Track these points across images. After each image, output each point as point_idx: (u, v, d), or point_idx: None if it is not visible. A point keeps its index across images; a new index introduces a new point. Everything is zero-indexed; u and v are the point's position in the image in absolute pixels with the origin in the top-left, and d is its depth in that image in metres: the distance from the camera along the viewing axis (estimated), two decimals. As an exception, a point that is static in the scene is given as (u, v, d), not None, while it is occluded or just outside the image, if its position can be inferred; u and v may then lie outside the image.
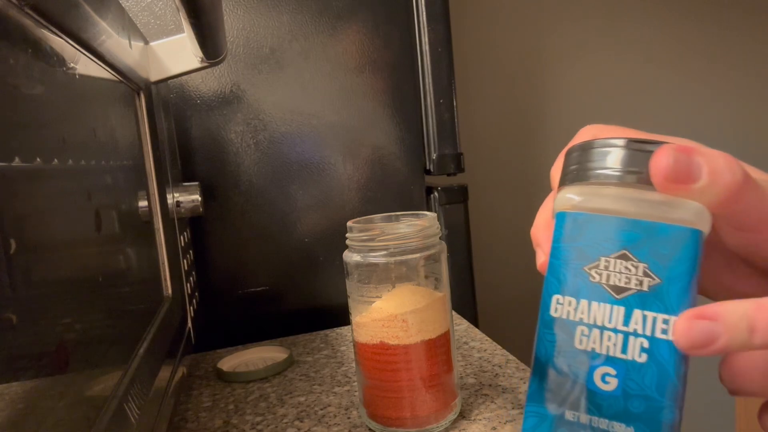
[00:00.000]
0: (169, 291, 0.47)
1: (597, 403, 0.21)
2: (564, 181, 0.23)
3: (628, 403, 0.20)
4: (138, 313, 0.37)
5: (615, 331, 0.21)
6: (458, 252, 0.82)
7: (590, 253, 0.21)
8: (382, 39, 0.78)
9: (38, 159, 0.22)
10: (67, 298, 0.25)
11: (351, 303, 0.47)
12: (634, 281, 0.21)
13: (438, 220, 0.47)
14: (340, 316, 0.77)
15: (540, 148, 1.39)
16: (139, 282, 0.39)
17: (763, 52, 1.53)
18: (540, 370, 0.22)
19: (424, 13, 0.79)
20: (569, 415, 0.21)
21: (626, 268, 0.21)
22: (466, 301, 0.83)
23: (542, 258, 0.25)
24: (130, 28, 0.43)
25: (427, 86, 0.80)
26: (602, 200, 0.22)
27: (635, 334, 0.20)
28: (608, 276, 0.21)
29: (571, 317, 0.21)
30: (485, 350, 0.62)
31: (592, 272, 0.21)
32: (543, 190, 1.40)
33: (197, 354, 0.71)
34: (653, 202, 0.21)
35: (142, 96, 0.45)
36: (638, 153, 0.21)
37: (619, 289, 0.21)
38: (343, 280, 0.47)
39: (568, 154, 0.24)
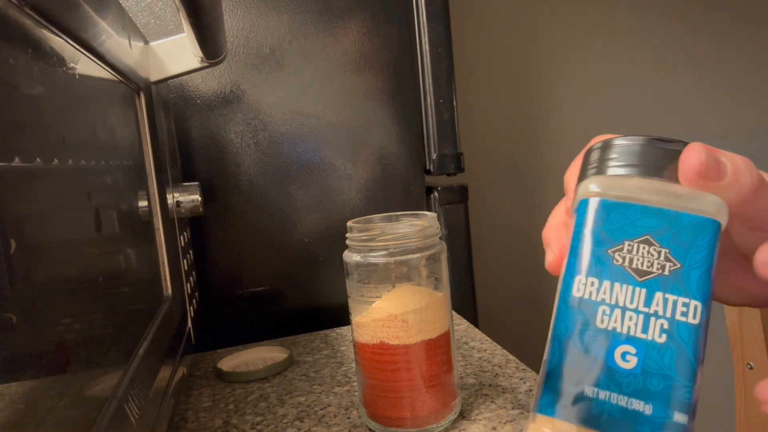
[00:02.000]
0: (169, 291, 0.47)
1: (617, 380, 0.21)
2: (585, 176, 0.24)
3: (647, 381, 0.21)
4: (138, 313, 0.37)
5: (636, 311, 0.21)
6: (458, 252, 0.82)
7: (614, 237, 0.22)
8: (382, 39, 0.78)
9: (38, 159, 0.22)
10: (67, 298, 0.25)
11: (351, 303, 0.47)
12: (656, 265, 0.22)
13: (438, 220, 0.47)
14: (340, 316, 0.77)
15: (540, 148, 1.39)
16: (139, 282, 0.39)
17: (756, 58, 1.53)
18: (559, 348, 0.22)
19: (424, 13, 0.79)
20: (588, 391, 0.21)
21: (649, 252, 0.22)
22: (466, 301, 0.83)
23: (551, 257, 0.26)
24: (130, 28, 0.43)
25: (427, 86, 0.80)
26: (627, 190, 0.23)
27: (656, 315, 0.21)
28: (631, 259, 0.22)
29: (593, 297, 0.22)
30: (485, 350, 0.62)
31: (616, 255, 0.22)
32: (543, 190, 1.40)
33: (197, 354, 0.71)
34: (676, 193, 0.22)
35: (142, 96, 0.45)
36: (661, 150, 0.23)
37: (641, 272, 0.22)
38: (343, 280, 0.47)
39: (588, 153, 0.25)
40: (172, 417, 0.41)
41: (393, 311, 0.44)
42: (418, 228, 0.44)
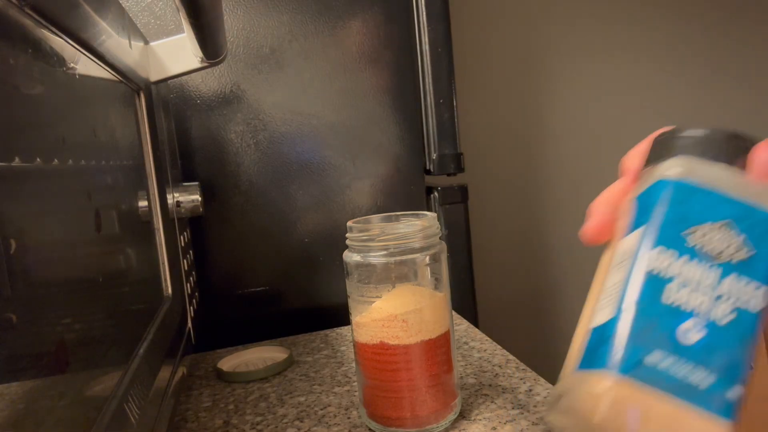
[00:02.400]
0: (169, 291, 0.47)
1: (679, 353, 0.22)
2: (663, 158, 0.26)
3: (708, 357, 0.22)
4: (138, 313, 0.37)
5: (706, 291, 0.23)
6: (458, 252, 0.82)
7: (692, 219, 0.24)
8: (382, 39, 0.78)
9: (38, 159, 0.22)
10: (67, 298, 0.25)
11: (351, 303, 0.47)
12: (730, 250, 0.23)
13: (438, 220, 0.47)
14: (340, 316, 0.77)
15: (540, 147, 1.39)
16: (139, 282, 0.39)
17: (758, 56, 1.53)
18: (623, 317, 0.23)
19: (424, 12, 0.79)
20: (651, 358, 0.23)
21: (724, 237, 0.23)
22: (466, 301, 0.83)
23: (587, 226, 0.27)
24: (130, 28, 0.43)
25: (427, 86, 0.80)
26: (709, 176, 0.24)
27: (724, 296, 0.23)
28: (706, 242, 0.23)
29: (665, 273, 0.23)
30: (485, 350, 0.62)
31: (691, 236, 0.24)
32: (543, 189, 1.40)
33: (197, 354, 0.71)
34: (755, 188, 0.24)
35: (142, 96, 0.45)
36: (739, 142, 0.24)
37: (715, 255, 0.23)
38: (343, 280, 0.47)
39: (662, 139, 0.26)
40: (172, 417, 0.41)
41: (393, 311, 0.44)
42: (418, 228, 0.44)
